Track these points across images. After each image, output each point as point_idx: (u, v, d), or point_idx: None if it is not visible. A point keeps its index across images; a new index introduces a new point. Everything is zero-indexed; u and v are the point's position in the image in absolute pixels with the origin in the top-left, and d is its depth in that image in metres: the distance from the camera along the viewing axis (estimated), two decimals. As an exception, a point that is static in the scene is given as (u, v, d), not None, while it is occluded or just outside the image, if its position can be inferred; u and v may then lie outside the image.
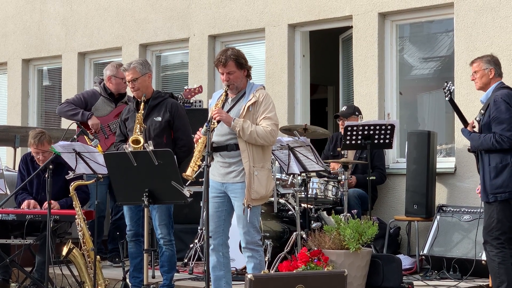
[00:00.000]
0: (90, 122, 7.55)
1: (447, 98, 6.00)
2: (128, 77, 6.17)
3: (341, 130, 7.56)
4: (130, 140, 6.01)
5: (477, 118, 5.90)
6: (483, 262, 6.64)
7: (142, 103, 6.15)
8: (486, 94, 5.92)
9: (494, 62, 5.98)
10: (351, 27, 8.41)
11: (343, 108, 7.90)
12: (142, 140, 5.96)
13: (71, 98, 7.85)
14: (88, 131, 7.43)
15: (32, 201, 6.68)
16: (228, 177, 5.41)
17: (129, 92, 7.69)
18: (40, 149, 6.66)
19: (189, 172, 5.29)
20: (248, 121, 5.32)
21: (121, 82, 7.59)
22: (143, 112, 6.13)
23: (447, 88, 5.99)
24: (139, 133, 6.07)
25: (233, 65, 5.38)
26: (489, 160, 5.76)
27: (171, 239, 6.17)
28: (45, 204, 6.54)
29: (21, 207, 6.66)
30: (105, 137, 7.55)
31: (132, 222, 6.24)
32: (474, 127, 5.96)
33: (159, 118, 6.17)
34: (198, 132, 5.39)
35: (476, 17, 7.55)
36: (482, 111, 5.87)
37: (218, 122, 5.36)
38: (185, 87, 8.13)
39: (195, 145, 5.39)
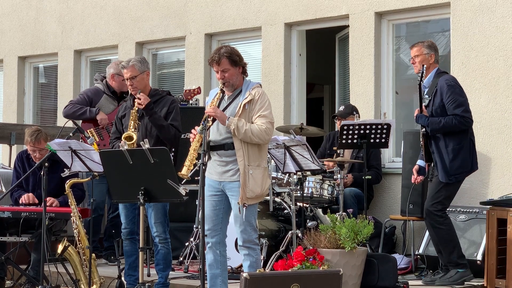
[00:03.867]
0: (98, 117, 7.55)
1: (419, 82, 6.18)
2: (127, 74, 6.16)
3: (338, 129, 7.56)
4: (123, 136, 6.01)
5: (424, 103, 6.17)
6: (478, 262, 6.65)
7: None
8: (428, 79, 6.25)
9: (434, 48, 6.31)
10: (348, 26, 8.41)
11: (340, 108, 7.90)
12: (135, 137, 5.95)
13: (74, 99, 7.85)
14: (98, 127, 7.44)
15: (30, 194, 6.67)
16: (225, 175, 5.40)
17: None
18: (36, 147, 6.66)
19: (184, 171, 5.29)
20: (243, 120, 5.31)
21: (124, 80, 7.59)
22: (137, 109, 6.12)
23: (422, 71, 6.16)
24: (133, 129, 6.07)
25: (227, 62, 5.37)
26: (446, 143, 6.08)
27: (166, 237, 6.16)
28: (49, 201, 6.57)
29: (20, 201, 6.66)
30: (109, 135, 7.54)
31: (127, 220, 6.24)
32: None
33: (157, 116, 6.17)
34: (193, 131, 5.38)
35: (472, 17, 7.55)
36: (427, 96, 6.15)
37: (214, 120, 5.35)
38: (185, 88, 8.13)
39: (191, 143, 5.38)
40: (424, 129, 6.17)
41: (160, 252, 6.15)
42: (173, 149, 6.23)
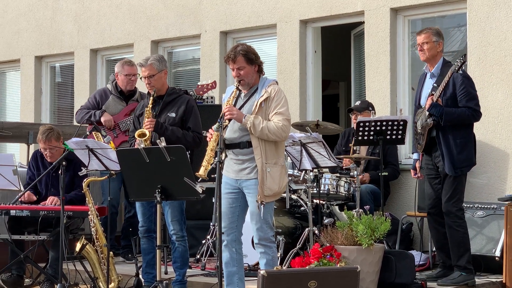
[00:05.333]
0: (102, 119, 7.57)
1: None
2: (145, 73, 6.16)
3: (354, 125, 7.54)
4: (136, 134, 6.02)
5: (433, 92, 6.08)
6: (496, 258, 6.63)
7: (151, 98, 6.16)
8: (436, 68, 6.17)
9: (442, 36, 6.24)
10: (363, 22, 8.39)
11: (357, 103, 7.89)
12: (148, 133, 5.96)
13: (84, 104, 7.90)
14: (103, 128, 7.46)
15: (27, 192, 6.69)
16: (242, 173, 5.40)
17: (141, 89, 7.72)
18: (47, 145, 6.71)
19: (201, 171, 5.28)
20: (260, 117, 5.31)
21: (125, 78, 7.63)
22: (151, 106, 6.13)
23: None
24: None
25: (243, 60, 5.37)
26: (454, 135, 6.04)
27: (183, 235, 6.17)
28: (50, 200, 6.62)
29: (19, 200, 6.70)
30: (114, 136, 7.56)
31: (144, 218, 6.25)
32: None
33: (173, 114, 6.18)
34: (210, 130, 5.39)
35: (489, 11, 7.51)
36: (436, 85, 6.07)
37: (230, 119, 5.35)
38: (198, 83, 8.12)
39: (208, 143, 5.38)
40: (431, 118, 6.09)
41: (177, 250, 6.17)
42: (198, 148, 6.24)
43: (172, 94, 6.27)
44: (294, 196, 7.11)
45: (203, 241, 7.22)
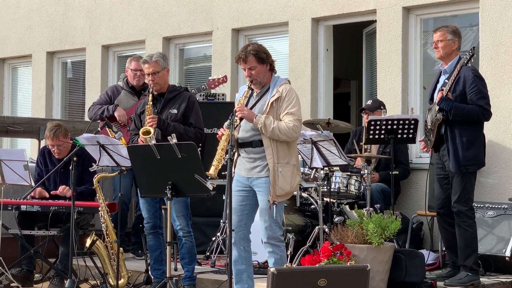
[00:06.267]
0: (116, 114, 7.58)
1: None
2: (149, 69, 6.16)
3: (365, 124, 7.53)
4: (140, 131, 6.01)
5: (443, 87, 6.09)
6: (506, 258, 6.60)
7: (150, 95, 6.17)
8: (450, 65, 6.16)
9: (458, 34, 6.21)
10: (375, 21, 8.37)
11: (368, 102, 7.87)
12: (152, 131, 5.96)
13: (96, 100, 7.92)
14: (116, 123, 7.47)
15: (38, 189, 6.72)
16: (253, 171, 5.40)
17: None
18: (55, 142, 6.73)
19: (212, 171, 5.28)
20: (271, 117, 5.30)
21: (132, 73, 7.65)
22: (151, 103, 6.14)
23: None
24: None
25: (254, 60, 5.36)
26: (461, 132, 6.02)
27: (189, 230, 6.17)
28: (61, 188, 6.66)
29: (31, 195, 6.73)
30: (128, 130, 7.57)
31: (149, 214, 6.24)
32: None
33: (175, 111, 6.19)
34: (221, 129, 5.38)
35: (501, 11, 7.48)
36: (447, 81, 6.06)
37: (241, 119, 5.35)
38: (209, 77, 8.13)
39: (219, 142, 5.37)
40: (441, 113, 6.09)
41: (184, 245, 6.16)
42: (199, 144, 6.24)
43: (173, 91, 6.28)
44: (304, 194, 7.11)
45: (213, 238, 7.22)
